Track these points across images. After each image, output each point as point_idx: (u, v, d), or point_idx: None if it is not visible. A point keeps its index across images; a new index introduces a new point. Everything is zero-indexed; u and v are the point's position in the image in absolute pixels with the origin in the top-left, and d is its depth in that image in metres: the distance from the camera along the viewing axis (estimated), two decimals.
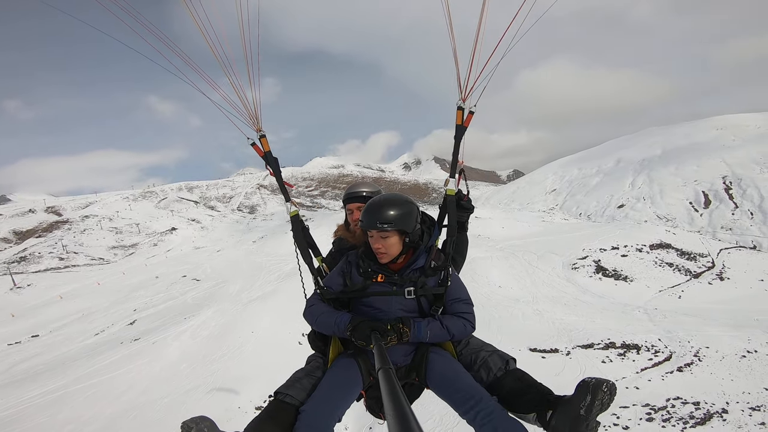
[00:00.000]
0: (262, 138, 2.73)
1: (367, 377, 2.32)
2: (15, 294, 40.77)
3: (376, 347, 1.90)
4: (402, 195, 2.47)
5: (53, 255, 60.60)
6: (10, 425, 12.73)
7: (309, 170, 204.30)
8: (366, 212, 2.36)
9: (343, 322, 2.29)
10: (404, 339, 2.22)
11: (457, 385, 2.15)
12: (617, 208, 47.07)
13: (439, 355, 2.36)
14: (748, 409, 10.08)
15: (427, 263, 2.39)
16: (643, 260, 23.33)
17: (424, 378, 2.31)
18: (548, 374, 11.90)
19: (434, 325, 2.30)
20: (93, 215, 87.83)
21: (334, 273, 2.54)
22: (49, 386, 15.32)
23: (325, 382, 2.27)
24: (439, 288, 2.37)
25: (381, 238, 2.33)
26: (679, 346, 13.31)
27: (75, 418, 13.01)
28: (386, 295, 2.36)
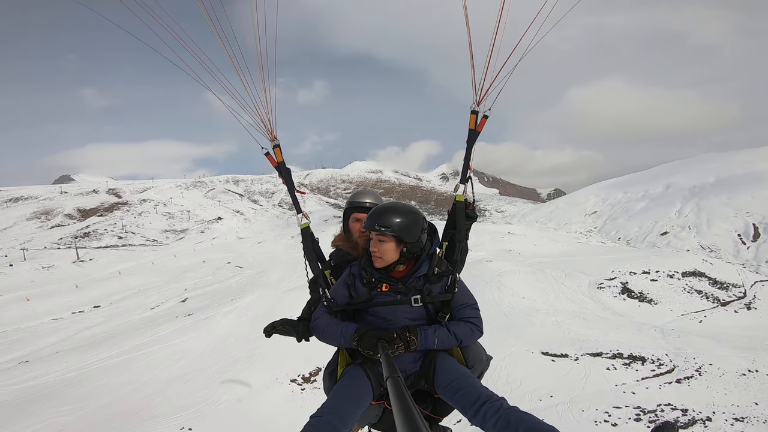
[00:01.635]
0: (275, 148, 2.74)
1: (377, 387, 2.32)
2: (78, 267, 45.49)
3: (384, 356, 1.91)
4: (409, 205, 2.51)
5: (113, 233, 66.76)
6: (79, 384, 14.82)
7: (348, 173, 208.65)
8: (371, 215, 2.40)
9: (349, 332, 2.31)
10: (411, 347, 2.23)
11: (465, 389, 2.13)
12: (660, 235, 45.74)
13: (447, 361, 2.35)
14: (732, 419, 10.64)
15: (430, 270, 2.40)
16: (672, 286, 23.22)
17: (432, 384, 2.29)
18: (556, 375, 12.85)
19: (441, 332, 2.30)
20: (150, 200, 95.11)
21: (339, 285, 2.55)
22: (112, 351, 17.63)
23: (334, 393, 2.28)
24: (446, 294, 2.38)
25: (378, 241, 2.36)
26: (684, 362, 13.72)
27: (135, 380, 15.14)
28: (392, 305, 2.37)
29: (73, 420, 12.17)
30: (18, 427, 11.82)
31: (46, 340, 21.21)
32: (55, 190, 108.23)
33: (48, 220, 78.45)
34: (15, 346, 20.72)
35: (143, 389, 14.20)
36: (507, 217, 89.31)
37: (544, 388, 12.07)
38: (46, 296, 31.42)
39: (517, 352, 14.04)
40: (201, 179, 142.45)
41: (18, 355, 19.40)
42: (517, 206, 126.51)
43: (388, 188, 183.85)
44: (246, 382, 14.81)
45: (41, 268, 42.19)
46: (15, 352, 19.77)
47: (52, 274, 40.69)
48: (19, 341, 21.44)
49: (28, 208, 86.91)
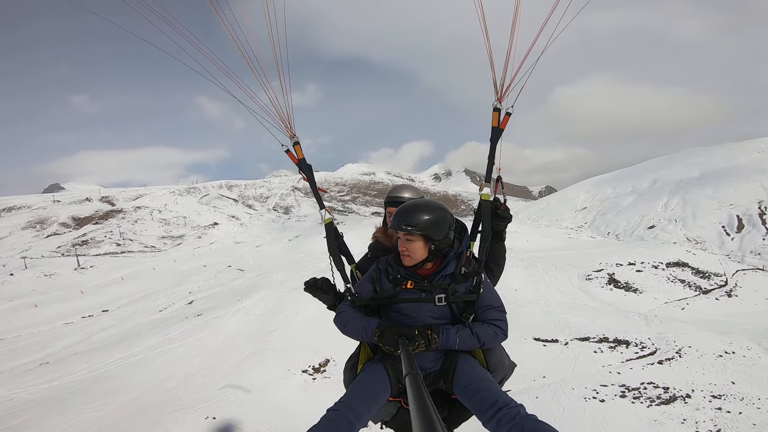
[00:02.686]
0: (296, 145, 2.76)
1: (395, 384, 2.31)
2: (80, 274, 46.03)
3: (404, 353, 1.89)
4: (438, 202, 2.47)
5: (111, 241, 67.23)
6: (104, 381, 15.62)
7: (341, 175, 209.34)
8: (397, 213, 2.38)
9: (370, 327, 2.31)
10: (432, 346, 2.21)
11: (483, 392, 2.10)
12: (647, 229, 47.02)
13: (468, 363, 2.32)
14: (709, 396, 11.83)
15: (457, 270, 2.36)
16: (656, 276, 24.60)
17: (451, 385, 2.27)
18: (548, 358, 14.03)
19: (464, 333, 2.28)
20: (144, 207, 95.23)
21: (364, 280, 2.55)
22: (130, 351, 18.46)
23: (353, 387, 2.29)
24: (471, 295, 2.35)
25: (406, 240, 2.34)
26: (665, 345, 14.95)
27: (156, 376, 16.04)
28: (416, 302, 2.36)
29: (105, 414, 13.05)
30: (53, 422, 12.64)
31: (61, 343, 21.98)
32: (47, 199, 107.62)
33: (43, 229, 78.34)
34: (32, 349, 21.45)
35: (165, 384, 15.11)
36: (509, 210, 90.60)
37: (538, 370, 13.22)
38: (53, 302, 32.08)
39: (510, 339, 14.70)
40: (194, 185, 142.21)
41: (36, 358, 20.18)
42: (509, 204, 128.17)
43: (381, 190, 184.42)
44: (261, 374, 15.78)
45: (43, 275, 42.69)
46: (33, 354, 20.54)
47: (55, 281, 41.25)
48: (35, 344, 22.18)
49: (22, 217, 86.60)
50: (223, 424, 12.73)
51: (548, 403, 11.58)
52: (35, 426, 12.51)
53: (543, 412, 11.20)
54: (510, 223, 2.70)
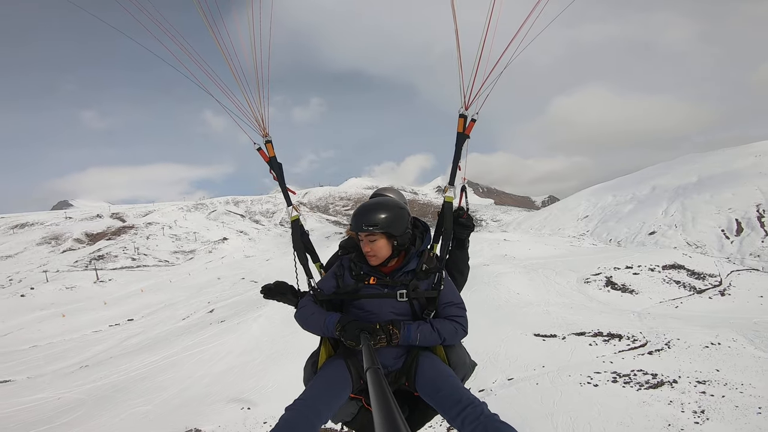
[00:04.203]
0: (267, 143, 2.77)
1: (357, 380, 2.30)
2: (99, 286, 47.91)
3: (365, 347, 1.88)
4: (393, 199, 2.52)
5: (126, 255, 69.33)
6: (144, 381, 17.23)
7: (346, 190, 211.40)
8: (354, 215, 2.41)
9: (332, 322, 2.29)
10: (393, 341, 2.20)
11: (446, 390, 2.09)
12: (648, 235, 48.09)
13: (430, 359, 2.32)
14: (695, 381, 13.05)
15: (418, 266, 2.39)
16: (652, 278, 25.87)
17: (413, 382, 2.26)
18: (547, 351, 15.35)
19: (425, 328, 2.28)
20: (155, 222, 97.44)
21: (328, 276, 2.56)
22: (163, 354, 20.10)
23: (313, 384, 2.25)
24: (432, 291, 2.37)
25: (369, 241, 2.36)
26: (655, 337, 16.20)
27: (191, 375, 17.57)
28: (378, 298, 2.37)
29: (152, 408, 14.54)
30: (105, 417, 14.11)
31: (95, 349, 23.58)
32: (58, 216, 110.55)
33: (58, 244, 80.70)
34: (68, 354, 23.06)
35: (201, 381, 16.63)
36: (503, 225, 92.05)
37: (537, 361, 14.57)
38: (79, 312, 33.85)
39: (512, 335, 16.59)
40: (202, 201, 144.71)
41: (75, 361, 21.77)
42: (512, 215, 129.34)
43: None
44: (284, 371, 17.23)
45: (65, 288, 44.66)
46: (70, 359, 22.13)
47: (77, 294, 43.10)
48: (70, 350, 23.79)
49: (36, 233, 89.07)
50: (256, 412, 14.18)
51: (547, 388, 12.92)
52: (90, 420, 14.00)
53: (543, 395, 12.61)
54: (473, 231, 2.77)
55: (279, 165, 2.82)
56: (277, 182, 2.82)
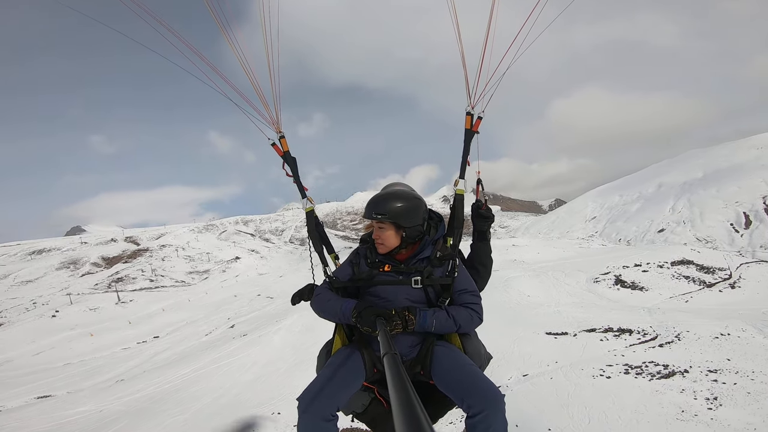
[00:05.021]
0: (281, 138, 2.83)
1: (370, 369, 2.32)
2: (121, 307, 49.36)
3: (381, 333, 1.85)
4: (411, 191, 2.51)
5: (144, 277, 71.13)
6: (177, 392, 17.94)
7: (352, 204, 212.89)
8: (369, 203, 2.44)
9: (348, 308, 2.31)
10: (409, 327, 2.20)
11: (463, 380, 2.10)
12: (657, 233, 48.20)
13: (446, 348, 2.32)
14: (706, 370, 13.58)
15: (433, 254, 2.42)
16: (662, 274, 26.35)
17: (428, 371, 2.26)
18: (559, 348, 16.01)
19: (440, 315, 2.28)
20: (169, 245, 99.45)
21: (344, 264, 2.60)
22: (192, 367, 21.00)
23: (326, 371, 2.28)
24: (446, 279, 2.37)
25: (379, 228, 2.40)
26: (665, 331, 16.70)
27: (221, 385, 18.40)
28: (393, 284, 2.38)
29: (189, 417, 15.36)
30: (147, 426, 14.76)
31: (127, 364, 24.65)
32: (74, 241, 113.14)
33: (77, 269, 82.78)
34: (102, 370, 24.13)
35: (231, 390, 17.48)
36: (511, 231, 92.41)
37: (551, 357, 15.21)
38: (106, 332, 35.16)
39: (525, 335, 17.22)
40: (212, 222, 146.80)
41: (110, 376, 22.81)
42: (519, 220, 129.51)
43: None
44: (308, 376, 17.94)
45: (88, 309, 46.19)
46: (105, 374, 23.20)
47: (100, 315, 44.57)
48: (103, 366, 24.88)
49: (54, 258, 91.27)
50: (286, 416, 14.98)
51: (561, 381, 13.56)
52: (134, 429, 14.67)
53: (558, 389, 13.23)
54: (493, 222, 2.81)
55: (293, 159, 2.88)
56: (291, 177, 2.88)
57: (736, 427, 9.31)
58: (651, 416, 10.98)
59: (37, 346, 33.15)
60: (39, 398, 21.40)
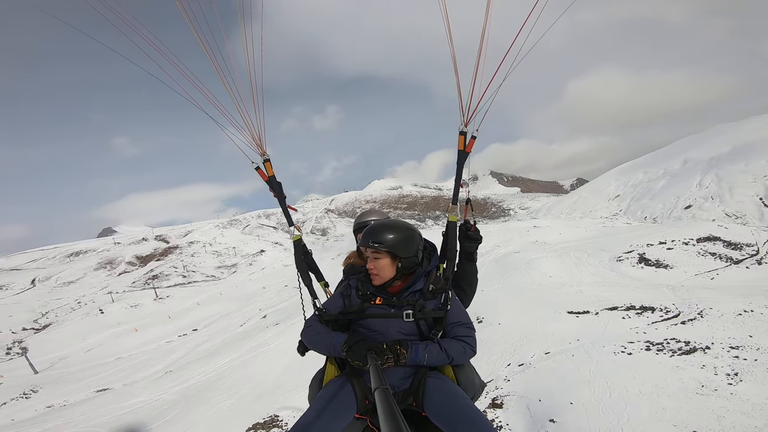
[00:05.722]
0: (266, 162, 2.75)
1: (362, 401, 2.30)
2: (159, 303, 52.15)
3: (372, 367, 1.87)
4: (405, 222, 2.53)
5: (177, 273, 74.45)
6: (220, 380, 19.42)
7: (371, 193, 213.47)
8: (365, 232, 2.44)
9: (339, 341, 2.30)
10: (401, 361, 2.20)
11: (455, 413, 2.09)
12: (684, 209, 47.31)
13: (438, 380, 2.31)
14: (728, 347, 13.75)
15: (425, 286, 2.40)
16: (687, 252, 26.13)
17: (421, 403, 2.25)
18: (581, 326, 16.46)
19: (432, 348, 2.28)
20: (197, 241, 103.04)
21: (335, 295, 2.59)
22: (232, 356, 22.48)
23: (317, 403, 2.26)
24: (439, 311, 2.36)
25: (374, 258, 2.39)
26: (688, 308, 16.81)
27: (259, 372, 19.68)
28: (384, 318, 2.37)
29: (234, 402, 16.66)
30: (199, 411, 16.02)
31: (171, 357, 26.49)
32: (108, 242, 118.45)
33: (113, 268, 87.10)
34: (149, 363, 26.05)
35: (270, 375, 18.78)
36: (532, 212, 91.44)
37: (572, 335, 15.65)
38: (148, 327, 37.54)
39: (546, 314, 17.63)
40: (235, 217, 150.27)
41: (159, 368, 24.66)
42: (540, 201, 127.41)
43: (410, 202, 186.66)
44: None
45: (129, 306, 49.08)
46: (153, 367, 25.07)
47: (141, 311, 47.35)
48: (151, 360, 26.82)
49: (91, 260, 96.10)
50: None
51: (583, 358, 14.02)
52: (188, 415, 16.08)
53: (579, 365, 13.70)
54: (480, 244, 2.77)
55: (278, 184, 2.82)
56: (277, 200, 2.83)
57: (755, 402, 9.66)
58: (671, 390, 11.24)
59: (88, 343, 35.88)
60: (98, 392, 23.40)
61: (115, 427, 16.06)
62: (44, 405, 23.19)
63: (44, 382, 27.83)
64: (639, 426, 9.60)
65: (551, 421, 10.80)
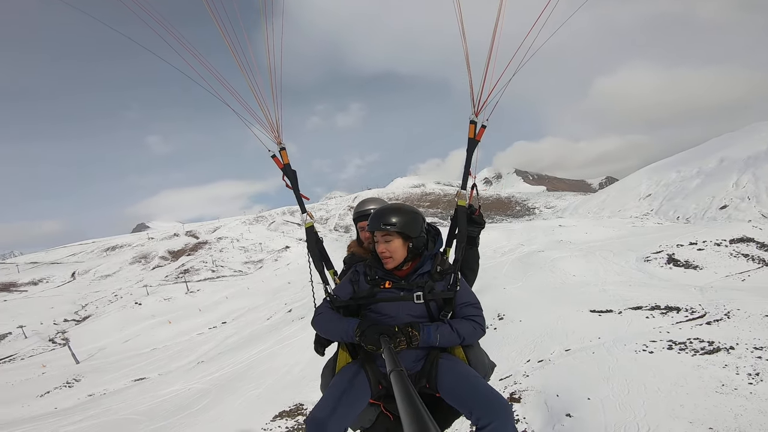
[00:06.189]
0: (282, 150, 2.83)
1: (375, 386, 2.31)
2: (190, 297, 54.55)
3: (386, 350, 1.88)
4: (407, 205, 2.56)
5: (206, 268, 77.51)
6: (249, 370, 20.21)
7: (393, 190, 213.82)
8: (372, 217, 2.46)
9: (351, 327, 2.30)
10: (413, 343, 2.21)
11: (469, 392, 2.11)
12: (719, 210, 45.72)
13: (450, 361, 2.33)
14: (752, 347, 13.46)
15: (433, 268, 2.44)
16: (719, 252, 25.31)
17: (434, 384, 2.27)
18: (603, 325, 16.36)
19: (444, 329, 2.29)
20: (225, 237, 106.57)
21: (344, 282, 2.59)
22: (260, 348, 23.40)
23: (332, 391, 2.24)
24: (448, 292, 2.38)
25: (385, 241, 2.40)
26: (714, 309, 16.43)
27: (285, 363, 20.44)
28: (394, 301, 2.38)
29: (262, 391, 17.45)
30: (230, 399, 16.72)
31: (204, 347, 27.88)
32: (142, 237, 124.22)
33: (147, 263, 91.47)
34: (183, 353, 27.51)
35: (296, 367, 19.57)
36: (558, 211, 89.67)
37: (594, 333, 15.56)
38: (181, 319, 39.46)
39: (568, 312, 17.51)
40: (261, 214, 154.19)
41: (192, 359, 26.03)
42: (567, 200, 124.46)
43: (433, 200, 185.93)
44: None
45: (163, 300, 51.62)
46: (186, 357, 26.47)
47: (173, 304, 49.71)
48: (184, 350, 28.31)
49: (126, 254, 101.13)
50: None
51: (603, 356, 13.99)
52: (219, 404, 16.70)
53: (599, 363, 13.67)
54: (483, 229, 2.81)
55: (293, 172, 2.88)
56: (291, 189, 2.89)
57: None
58: (690, 388, 11.45)
59: (125, 334, 38.17)
60: (135, 381, 24.94)
61: (153, 415, 17.00)
62: (86, 394, 24.90)
63: (85, 371, 29.87)
64: (654, 422, 9.63)
65: (568, 416, 10.94)
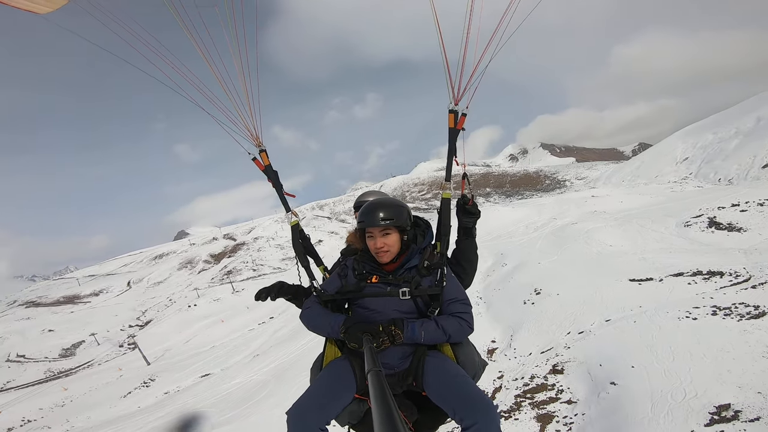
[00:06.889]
0: (262, 153, 2.82)
1: (362, 381, 2.26)
2: (236, 296, 57.53)
3: (366, 349, 1.88)
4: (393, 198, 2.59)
5: (248, 267, 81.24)
6: (300, 361, 21.27)
7: (418, 175, 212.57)
8: (366, 213, 2.42)
9: (337, 323, 2.30)
10: (397, 341, 2.18)
11: (454, 392, 2.07)
12: (761, 168, 43.76)
13: (437, 359, 2.29)
14: None
15: (420, 263, 2.41)
16: (762, 213, 24.13)
17: (421, 383, 2.23)
18: (643, 294, 15.99)
19: (429, 326, 2.26)
20: (261, 237, 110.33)
21: (333, 276, 2.58)
22: (306, 339, 24.43)
23: (317, 383, 2.27)
24: (435, 288, 2.35)
25: (382, 236, 2.38)
26: (759, 272, 15.89)
27: None
28: (381, 296, 2.36)
29: None
30: (286, 387, 17.91)
31: (257, 342, 29.80)
32: (184, 244, 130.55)
33: (193, 267, 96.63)
34: (239, 349, 29.55)
35: None
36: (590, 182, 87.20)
37: (634, 302, 15.26)
38: (231, 317, 42.06)
39: (606, 282, 17.17)
40: None
41: (247, 353, 27.96)
42: (599, 169, 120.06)
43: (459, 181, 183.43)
44: None
45: (213, 300, 54.88)
46: (242, 352, 28.45)
47: (222, 304, 52.80)
48: (240, 346, 30.37)
49: (173, 261, 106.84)
50: None
51: (646, 325, 13.78)
52: (278, 392, 17.94)
53: (642, 331, 13.51)
54: (479, 218, 2.74)
55: (274, 173, 2.87)
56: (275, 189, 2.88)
57: None
58: (737, 354, 11.02)
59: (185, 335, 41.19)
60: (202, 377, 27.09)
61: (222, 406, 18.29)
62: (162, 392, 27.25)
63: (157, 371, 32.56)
64: (702, 387, 9.69)
65: (612, 384, 11.26)
